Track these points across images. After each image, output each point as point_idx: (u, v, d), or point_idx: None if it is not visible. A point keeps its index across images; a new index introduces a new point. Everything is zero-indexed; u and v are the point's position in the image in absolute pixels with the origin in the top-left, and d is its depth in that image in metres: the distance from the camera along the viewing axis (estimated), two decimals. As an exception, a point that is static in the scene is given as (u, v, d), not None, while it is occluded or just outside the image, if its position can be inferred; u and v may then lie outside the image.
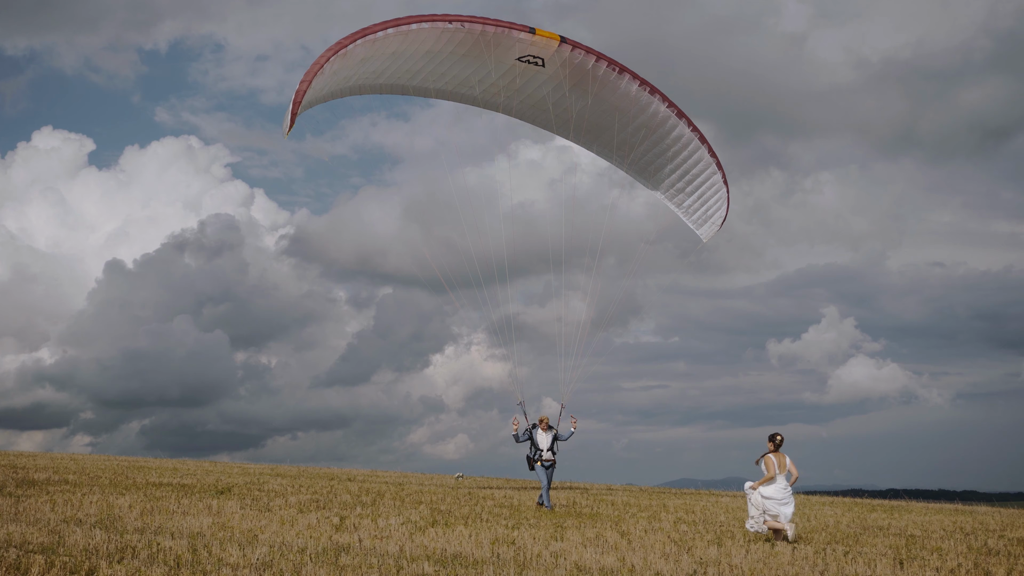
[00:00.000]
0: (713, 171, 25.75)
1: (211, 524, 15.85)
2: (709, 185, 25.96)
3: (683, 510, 23.87)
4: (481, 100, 24.36)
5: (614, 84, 24.04)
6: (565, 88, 23.95)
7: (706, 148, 25.46)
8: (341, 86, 22.06)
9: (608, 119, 24.71)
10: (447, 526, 17.42)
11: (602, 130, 25.13)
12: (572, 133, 25.41)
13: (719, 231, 26.44)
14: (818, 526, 20.91)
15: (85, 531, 14.06)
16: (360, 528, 16.51)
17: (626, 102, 24.35)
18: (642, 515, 21.88)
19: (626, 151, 25.52)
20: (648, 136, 25.17)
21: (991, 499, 57.62)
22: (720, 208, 26.29)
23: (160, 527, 15.16)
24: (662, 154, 25.62)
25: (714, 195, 26.09)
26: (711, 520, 21.32)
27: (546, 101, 24.41)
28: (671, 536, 17.36)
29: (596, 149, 26.20)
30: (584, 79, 23.80)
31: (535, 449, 23.56)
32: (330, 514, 18.68)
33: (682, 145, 25.30)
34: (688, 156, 25.49)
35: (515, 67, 23.35)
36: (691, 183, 26.01)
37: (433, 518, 18.85)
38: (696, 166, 25.63)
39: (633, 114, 24.54)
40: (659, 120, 24.81)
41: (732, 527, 19.74)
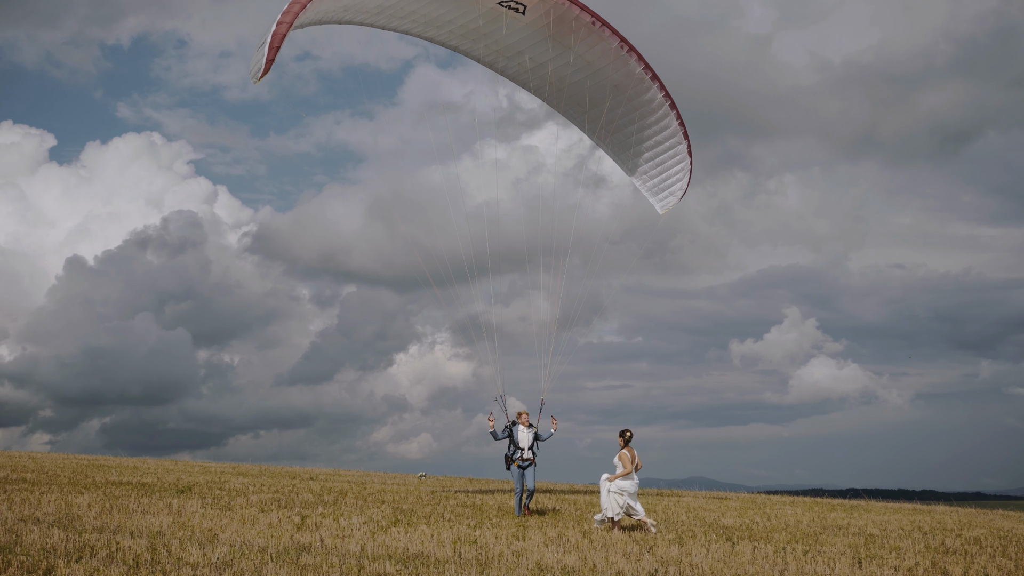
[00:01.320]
0: (679, 140, 25.03)
1: (171, 523, 15.74)
2: (673, 154, 25.21)
3: (645, 509, 23.96)
4: (456, 43, 23.58)
5: (594, 39, 23.24)
6: (546, 40, 23.10)
7: (675, 114, 24.72)
8: (311, 19, 21.03)
9: (583, 75, 23.94)
10: (409, 525, 17.40)
11: (576, 87, 24.29)
12: (546, 87, 24.54)
13: (678, 203, 25.82)
14: (778, 525, 21.07)
15: (43, 530, 13.92)
16: (322, 527, 16.45)
17: (604, 59, 23.61)
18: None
19: (597, 111, 24.69)
20: (619, 96, 24.33)
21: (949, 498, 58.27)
22: (681, 179, 25.53)
23: (119, 526, 15.03)
24: (629, 116, 24.79)
25: (676, 164, 25.35)
26: (672, 519, 21.43)
27: (523, 53, 23.63)
28: (632, 535, 17.42)
29: (565, 106, 25.22)
30: (566, 31, 22.96)
31: (514, 447, 21.86)
32: (291, 513, 18.61)
33: (652, 109, 24.57)
34: (656, 121, 24.77)
35: (495, 11, 22.43)
36: (653, 149, 25.26)
37: (395, 517, 18.81)
38: (662, 132, 24.90)
39: (609, 72, 23.80)
40: (634, 81, 24.04)
41: (693, 526, 19.85)
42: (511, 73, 24.57)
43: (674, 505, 26.16)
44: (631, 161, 25.74)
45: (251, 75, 19.71)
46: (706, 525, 20.26)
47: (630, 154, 25.59)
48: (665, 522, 20.61)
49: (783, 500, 32.05)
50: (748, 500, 30.93)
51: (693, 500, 29.25)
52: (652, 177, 25.67)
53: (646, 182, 25.84)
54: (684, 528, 19.40)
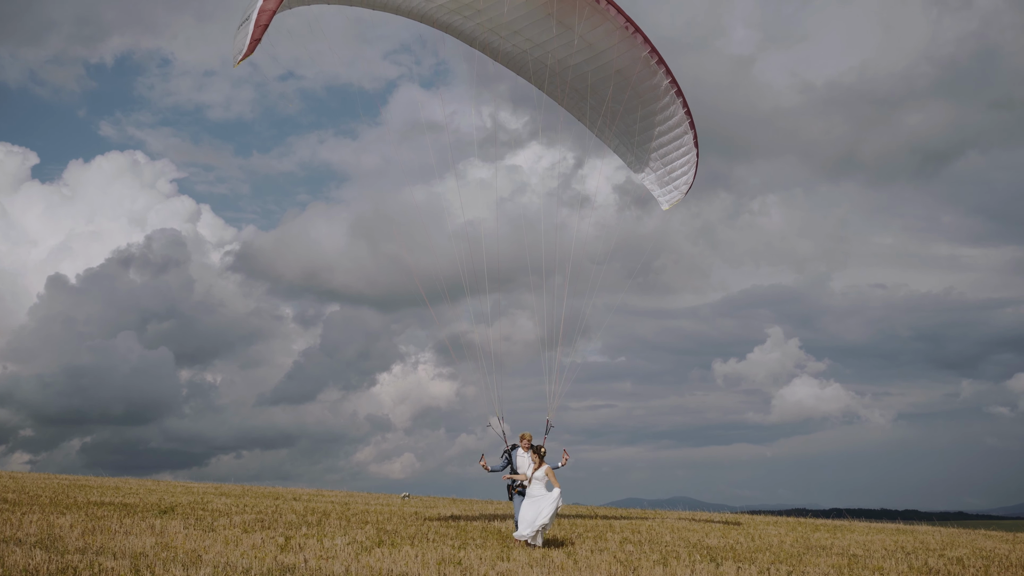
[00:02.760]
0: (685, 130, 23.71)
1: (154, 544, 15.66)
2: (678, 144, 23.94)
3: (629, 530, 23.95)
4: (448, 19, 21.92)
5: (599, 18, 21.84)
6: (547, 18, 21.72)
7: (681, 102, 23.40)
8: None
9: (585, 58, 22.58)
10: (393, 546, 17.35)
11: (576, 70, 22.89)
12: (545, 71, 23.02)
13: (683, 198, 24.62)
14: (762, 546, 21.10)
15: (25, 551, 13.83)
16: (305, 548, 16.39)
17: (607, 40, 22.24)
18: (588, 535, 21.93)
19: (599, 98, 23.39)
20: (622, 81, 22.94)
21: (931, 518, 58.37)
22: (687, 172, 24.26)
23: (102, 547, 14.95)
24: (633, 103, 23.43)
25: (682, 156, 24.13)
26: (657, 540, 21.42)
27: (521, 32, 22.18)
28: (617, 556, 17.41)
29: (564, 93, 23.70)
30: (568, 8, 21.57)
31: (513, 474, 20.18)
32: (275, 534, 18.53)
33: (657, 96, 23.29)
34: (662, 109, 23.49)
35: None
36: (658, 139, 23.96)
37: (379, 538, 18.75)
38: (668, 121, 23.65)
39: (612, 55, 22.52)
40: (639, 65, 22.64)
41: (678, 547, 19.85)
42: (506, 54, 23.01)
43: (658, 526, 26.15)
44: (634, 152, 24.57)
45: (233, 56, 17.80)
46: (690, 546, 20.27)
47: (633, 144, 24.29)
48: (649, 543, 20.60)
49: (767, 520, 32.08)
50: (732, 520, 30.95)
51: (677, 520, 29.24)
52: (655, 170, 24.59)
53: (648, 175, 24.75)
54: (668, 549, 19.40)
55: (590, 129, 24.60)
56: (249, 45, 17.18)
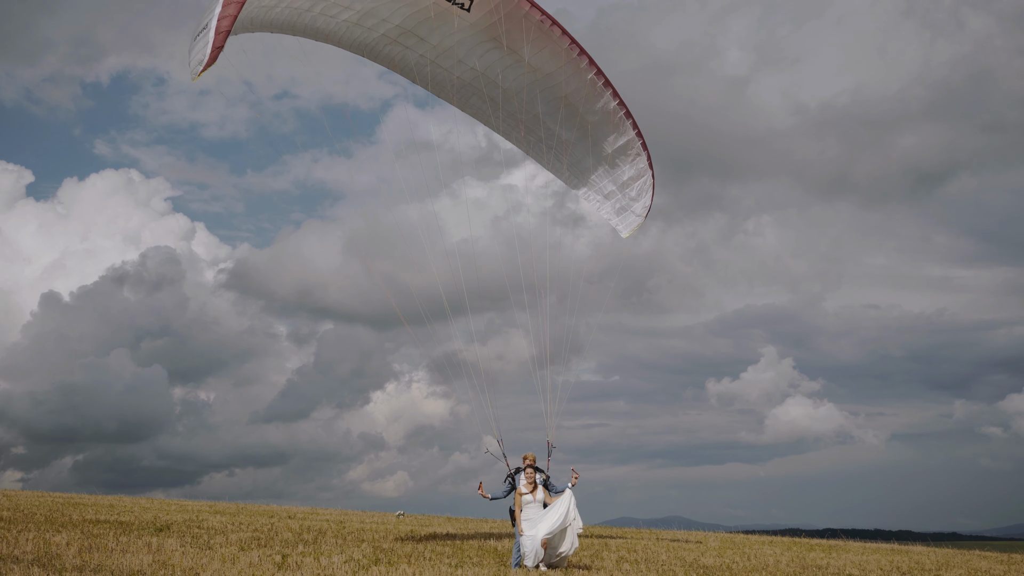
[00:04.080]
0: (638, 151, 23.02)
1: (151, 562, 15.66)
2: (632, 167, 23.27)
3: (625, 549, 23.97)
4: (389, 50, 21.08)
5: (544, 40, 21.19)
6: (492, 42, 21.00)
7: (631, 123, 22.76)
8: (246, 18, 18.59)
9: (531, 82, 21.87)
10: (390, 565, 17.37)
11: (522, 97, 22.05)
12: (488, 102, 22.13)
13: (643, 223, 23.85)
14: (758, 565, 21.13)
15: (23, 569, 13.85)
16: (303, 566, 16.40)
17: (554, 63, 21.60)
18: (584, 554, 21.94)
19: (549, 128, 22.63)
20: (571, 107, 22.30)
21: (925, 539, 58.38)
22: (643, 196, 23.51)
23: (100, 565, 14.95)
24: (583, 130, 22.75)
25: (636, 180, 23.41)
26: (653, 560, 21.45)
27: (464, 61, 21.38)
28: (613, 575, 17.45)
29: (509, 123, 22.69)
30: (515, 31, 20.85)
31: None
32: (272, 552, 18.53)
33: (606, 119, 22.62)
34: (611, 132, 22.81)
35: (437, 6, 20.27)
36: (611, 164, 23.24)
37: (376, 556, 18.76)
38: (617, 144, 22.97)
39: (560, 79, 21.89)
40: (586, 88, 22.03)
41: (674, 566, 19.88)
42: (452, 85, 22.18)
43: (654, 545, 26.17)
44: (587, 180, 23.95)
45: (192, 67, 16.95)
46: (687, 565, 20.30)
47: (585, 172, 23.72)
48: (646, 562, 20.63)
49: (762, 540, 32.08)
50: (727, 540, 30.95)
51: (672, 540, 29.25)
52: (611, 197, 23.84)
53: (605, 204, 23.99)
54: (665, 568, 19.42)
55: (540, 162, 24.04)
56: (211, 54, 16.31)
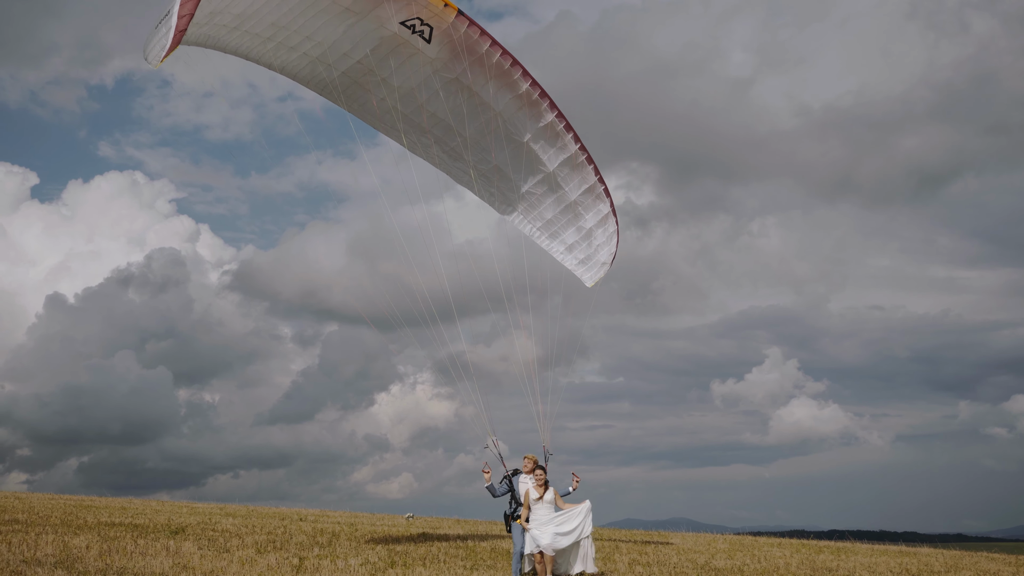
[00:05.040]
0: (601, 198, 22.47)
1: (172, 565, 15.87)
2: (596, 214, 22.63)
3: (636, 551, 24.13)
4: (351, 90, 20.20)
5: (505, 79, 20.51)
6: (452, 83, 20.28)
7: (593, 169, 22.13)
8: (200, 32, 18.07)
9: (486, 123, 21.04)
10: (406, 567, 17.56)
11: (479, 140, 21.31)
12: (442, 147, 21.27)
13: (608, 270, 23.02)
14: (769, 568, 21.29)
15: (47, 571, 14.06)
16: (321, 569, 16.60)
17: (514, 106, 20.96)
18: (596, 556, 22.10)
19: (508, 177, 22.01)
20: (531, 153, 21.66)
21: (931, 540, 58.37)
22: (608, 243, 22.79)
23: (122, 568, 15.16)
24: (543, 176, 22.10)
25: (599, 227, 22.76)
26: (664, 562, 21.61)
27: (425, 106, 20.51)
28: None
29: (462, 169, 22.01)
30: (477, 70, 20.16)
31: (515, 503, 17.58)
32: (288, 555, 18.72)
33: (567, 164, 21.97)
34: (574, 177, 22.18)
35: (396, 39, 19.30)
36: (574, 211, 22.53)
37: (391, 559, 18.95)
38: (580, 190, 22.31)
39: (519, 123, 21.24)
40: (548, 133, 21.44)
41: (686, 569, 20.04)
42: (392, 129, 21.12)
43: (663, 547, 26.33)
44: (551, 231, 23.08)
45: (151, 57, 16.91)
46: (698, 567, 20.46)
47: (550, 224, 22.90)
48: (658, 564, 20.79)
49: (771, 542, 32.22)
50: (736, 542, 31.09)
51: (681, 541, 29.41)
52: (574, 248, 23.03)
53: (567, 255, 23.12)
54: (677, 570, 19.60)
55: (498, 210, 23.06)
56: (173, 39, 15.94)
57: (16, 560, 15.40)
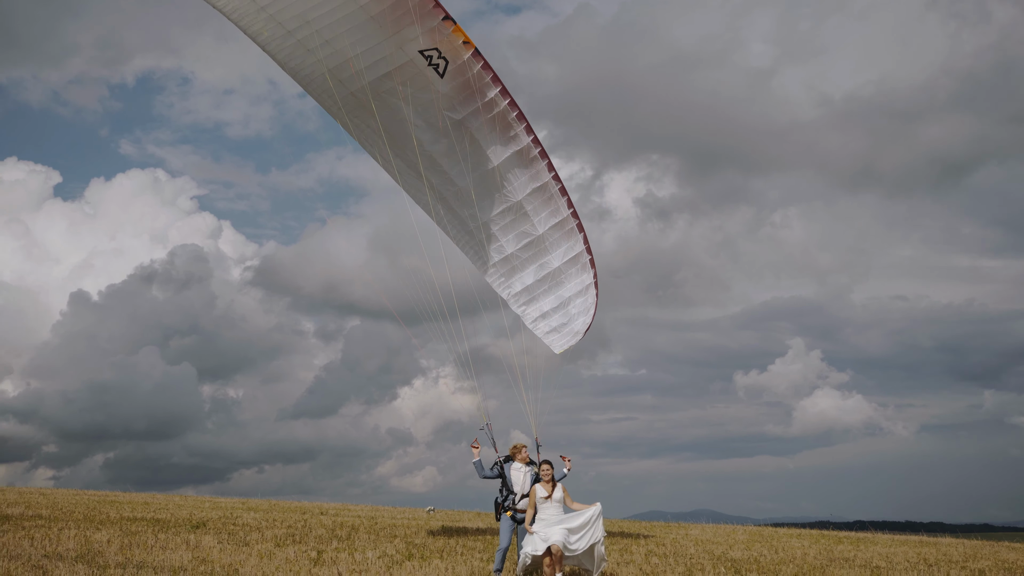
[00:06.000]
0: (585, 268, 21.80)
1: (191, 559, 16.05)
2: (578, 284, 21.97)
3: (654, 543, 24.20)
4: (345, 105, 19.70)
5: (508, 132, 20.21)
6: (460, 128, 19.84)
7: (583, 237, 21.57)
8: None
9: (487, 182, 20.68)
10: (423, 559, 17.68)
11: (474, 199, 20.80)
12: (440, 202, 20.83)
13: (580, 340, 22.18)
14: (785, 558, 21.31)
15: (68, 565, 14.25)
16: (338, 562, 16.74)
17: (513, 162, 20.58)
18: (613, 548, 22.19)
19: (493, 229, 21.37)
20: (521, 213, 21.13)
21: (956, 530, 58.21)
22: (584, 314, 22.12)
23: (142, 562, 15.34)
24: (529, 238, 21.45)
25: (579, 297, 22.09)
26: (681, 552, 21.67)
27: (418, 132, 20.02)
28: (643, 568, 17.69)
29: (447, 217, 21.45)
30: (482, 115, 19.82)
31: (506, 492, 16.65)
32: (307, 548, 18.89)
33: (559, 228, 21.43)
34: (563, 243, 21.61)
35: (410, 66, 19.11)
36: (555, 278, 21.84)
37: (409, 551, 19.09)
38: (566, 258, 21.68)
39: (515, 180, 20.82)
40: (543, 195, 21.04)
41: (702, 559, 20.09)
42: (402, 172, 20.78)
43: (682, 538, 26.38)
44: (529, 295, 22.24)
45: None
46: (714, 558, 20.51)
47: (527, 286, 22.15)
48: (674, 555, 20.86)
49: (790, 533, 32.21)
50: (755, 533, 31.12)
51: (701, 533, 29.45)
52: (549, 316, 22.28)
53: (540, 322, 22.39)
54: (693, 561, 19.65)
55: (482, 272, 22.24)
56: None
57: (38, 554, 15.62)
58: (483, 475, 16.76)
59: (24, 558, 15.01)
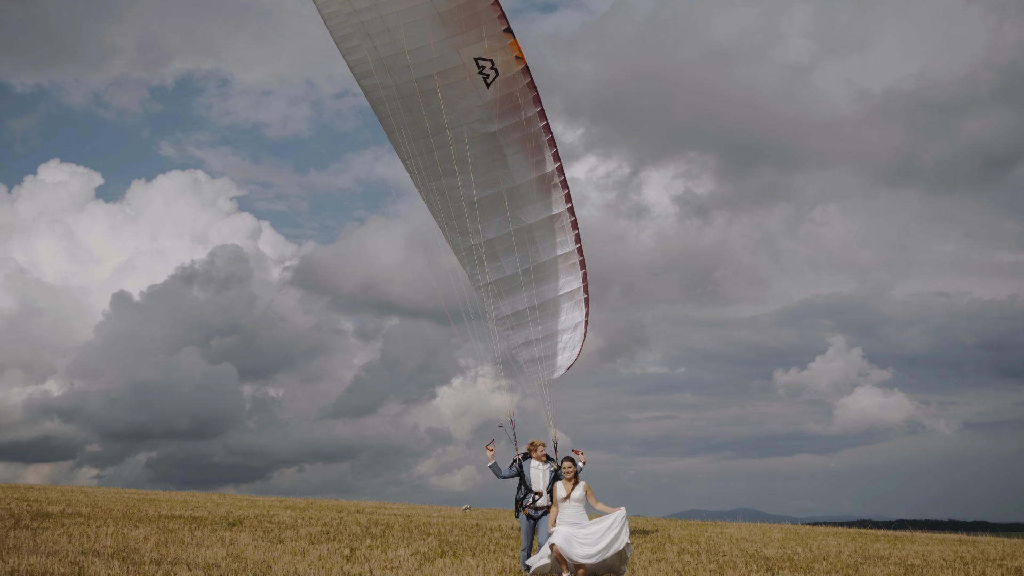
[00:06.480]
0: (579, 305, 21.43)
1: (225, 556, 16.24)
2: (570, 320, 21.61)
3: (688, 540, 24.17)
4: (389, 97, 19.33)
5: (537, 156, 19.95)
6: (491, 134, 19.54)
7: (583, 274, 21.19)
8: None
9: (498, 197, 20.23)
10: (455, 557, 17.78)
11: (485, 212, 20.33)
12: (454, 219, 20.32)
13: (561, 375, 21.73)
14: (819, 556, 21.21)
15: (104, 562, 14.47)
16: (370, 559, 16.87)
17: (534, 186, 20.28)
18: (647, 546, 22.19)
19: (495, 250, 20.81)
20: (529, 238, 20.68)
21: (1000, 529, 57.51)
22: (570, 351, 21.83)
23: (176, 558, 15.55)
24: (534, 267, 20.88)
25: (568, 332, 21.73)
26: (715, 551, 21.63)
27: (453, 139, 19.59)
28: (674, 566, 17.68)
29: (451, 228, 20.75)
30: (516, 132, 19.60)
31: (525, 489, 16.32)
32: (340, 545, 19.05)
33: (563, 260, 21.05)
34: (563, 275, 21.19)
35: (461, 71, 18.93)
36: (546, 309, 21.32)
37: (441, 549, 19.20)
38: (563, 291, 21.31)
39: (534, 205, 20.52)
40: (556, 224, 20.71)
41: (735, 557, 20.05)
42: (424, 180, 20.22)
43: (717, 536, 26.32)
44: (518, 320, 21.57)
45: None
46: (747, 556, 20.45)
47: (518, 312, 21.47)
48: (707, 553, 20.82)
49: (827, 531, 32.02)
50: (792, 531, 30.97)
51: (736, 531, 29.35)
52: (534, 345, 21.62)
53: (524, 348, 21.72)
54: (726, 559, 19.60)
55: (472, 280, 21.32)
56: None
57: (75, 551, 15.88)
58: (501, 476, 16.53)
59: (61, 555, 15.27)
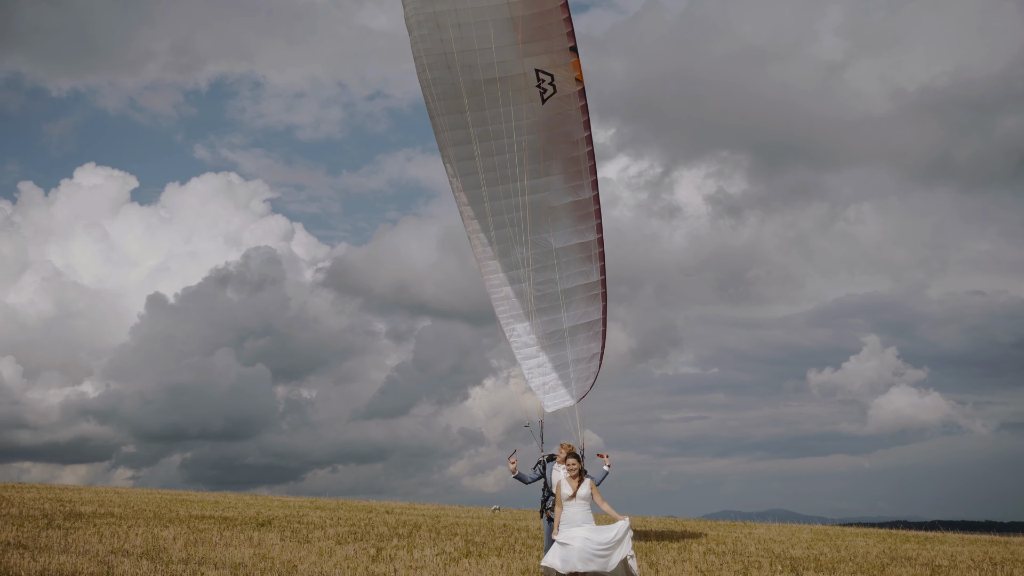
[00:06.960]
0: (596, 337, 21.12)
1: (252, 555, 16.42)
2: (585, 351, 21.21)
3: (715, 541, 24.13)
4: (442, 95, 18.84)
5: (578, 180, 19.69)
6: (539, 149, 19.10)
7: (603, 307, 20.91)
8: None
9: (522, 218, 19.64)
10: (480, 557, 17.87)
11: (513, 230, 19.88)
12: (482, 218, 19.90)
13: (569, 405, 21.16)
14: (846, 556, 21.13)
15: (132, 561, 14.68)
16: (396, 559, 17.00)
17: (568, 210, 19.97)
18: (672, 546, 22.18)
19: (519, 272, 20.36)
20: (552, 262, 20.29)
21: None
22: (583, 383, 21.46)
23: (204, 558, 15.74)
24: (553, 293, 20.53)
25: (583, 363, 21.32)
26: (741, 551, 21.59)
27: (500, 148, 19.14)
28: (699, 566, 17.69)
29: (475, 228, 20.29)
30: (563, 149, 19.27)
31: (546, 492, 16.52)
32: (367, 545, 19.19)
33: (584, 290, 20.70)
34: (580, 305, 20.79)
35: (521, 79, 18.46)
36: (564, 339, 20.85)
37: (467, 549, 19.29)
38: (580, 320, 20.88)
39: (565, 229, 20.16)
40: (581, 252, 20.32)
41: (760, 558, 20.02)
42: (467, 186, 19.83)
43: (745, 537, 26.25)
44: (529, 341, 21.13)
45: None
46: (773, 556, 20.41)
47: (532, 335, 21.05)
48: (733, 553, 20.80)
49: (857, 532, 31.85)
50: (820, 532, 30.83)
51: (765, 532, 29.25)
52: (547, 372, 21.22)
53: (535, 373, 21.22)
54: (751, 560, 19.58)
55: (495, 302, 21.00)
56: None
57: (105, 551, 16.11)
58: (529, 480, 16.31)
59: (91, 554, 15.50)
